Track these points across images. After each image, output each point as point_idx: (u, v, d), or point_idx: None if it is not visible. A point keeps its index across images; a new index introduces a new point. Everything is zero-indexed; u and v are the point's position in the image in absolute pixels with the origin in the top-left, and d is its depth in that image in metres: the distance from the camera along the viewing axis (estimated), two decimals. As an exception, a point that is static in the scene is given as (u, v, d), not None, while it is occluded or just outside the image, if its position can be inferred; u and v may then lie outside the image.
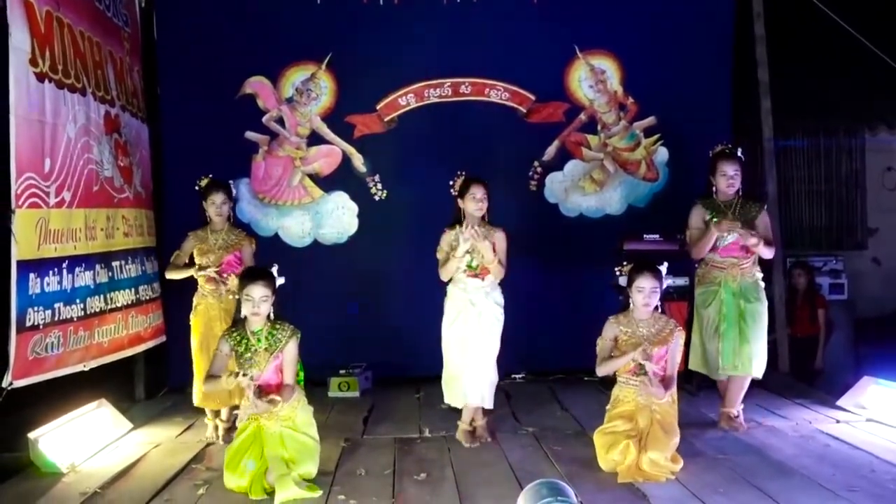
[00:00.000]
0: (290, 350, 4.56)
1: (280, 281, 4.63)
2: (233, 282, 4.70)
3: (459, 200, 5.20)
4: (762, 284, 5.37)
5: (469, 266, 5.11)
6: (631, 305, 4.71)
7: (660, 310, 4.75)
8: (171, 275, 5.50)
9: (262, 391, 4.42)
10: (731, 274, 5.26)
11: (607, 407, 4.74)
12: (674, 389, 4.66)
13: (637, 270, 4.68)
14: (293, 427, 4.49)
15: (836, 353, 7.73)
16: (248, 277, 4.57)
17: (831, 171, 9.02)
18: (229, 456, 4.41)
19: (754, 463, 4.64)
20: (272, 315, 4.55)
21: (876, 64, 6.25)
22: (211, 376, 4.53)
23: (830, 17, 6.20)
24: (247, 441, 4.40)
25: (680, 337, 4.70)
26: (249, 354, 4.48)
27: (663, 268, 4.70)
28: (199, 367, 5.33)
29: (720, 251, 5.27)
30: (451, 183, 5.27)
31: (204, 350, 5.29)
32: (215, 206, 5.40)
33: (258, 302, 4.45)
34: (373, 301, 7.02)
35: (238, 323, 4.60)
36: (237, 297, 4.62)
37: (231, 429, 5.24)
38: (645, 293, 4.61)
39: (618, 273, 4.84)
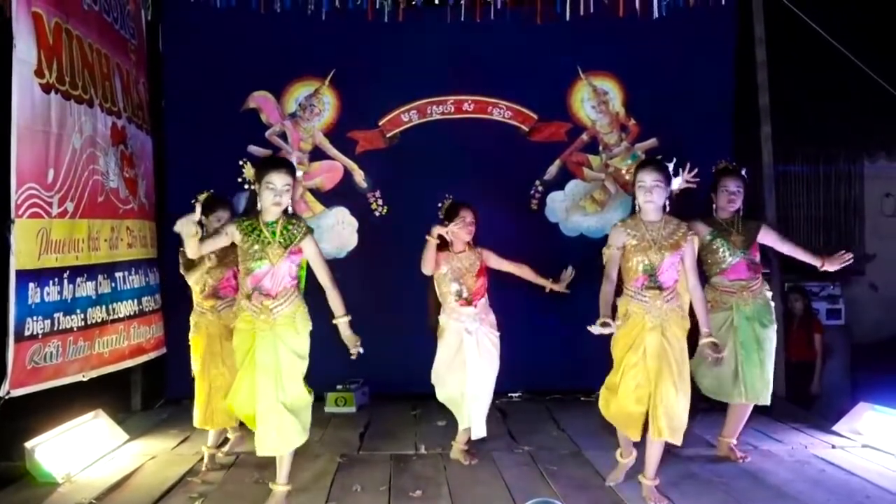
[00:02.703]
0: (312, 248, 4.33)
1: (299, 174, 4.44)
2: (248, 171, 4.31)
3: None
4: (773, 304, 5.24)
5: (459, 295, 5.11)
6: (637, 208, 4.44)
7: (668, 209, 4.45)
8: (190, 255, 4.47)
9: (267, 295, 4.23)
10: (741, 297, 5.11)
11: (617, 323, 4.37)
12: (685, 302, 4.47)
13: (639, 166, 4.45)
14: (293, 329, 4.30)
15: (832, 379, 7.73)
16: (269, 165, 4.27)
17: (830, 197, 9.06)
18: (235, 383, 4.32)
19: (749, 487, 4.65)
20: (290, 208, 4.29)
21: (876, 91, 6.28)
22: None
23: (832, 43, 6.24)
24: (247, 362, 4.22)
25: (693, 241, 4.49)
26: (258, 247, 4.19)
27: (671, 164, 4.42)
28: (200, 389, 5.16)
29: (728, 274, 5.14)
30: (439, 206, 5.28)
31: (206, 370, 5.12)
32: (220, 222, 5.06)
33: (281, 191, 4.14)
34: (371, 317, 7.00)
35: (249, 213, 4.34)
36: (254, 185, 4.30)
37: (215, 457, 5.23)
38: (646, 187, 4.31)
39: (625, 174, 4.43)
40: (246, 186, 4.38)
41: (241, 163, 4.78)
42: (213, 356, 5.08)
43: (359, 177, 7.16)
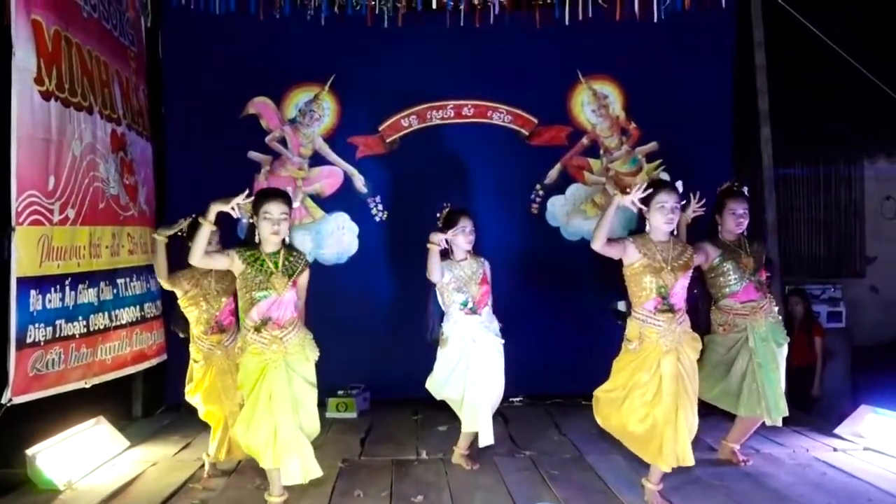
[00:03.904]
0: (306, 279, 4.46)
1: (296, 204, 4.46)
2: (247, 205, 4.28)
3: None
4: (780, 318, 5.23)
5: (465, 305, 5.10)
6: (647, 228, 4.43)
7: (675, 233, 4.50)
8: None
9: (275, 325, 4.25)
10: (754, 319, 5.04)
11: (631, 346, 4.42)
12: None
13: (658, 186, 4.40)
14: (303, 357, 4.35)
15: (833, 382, 7.74)
16: (265, 195, 4.33)
17: (830, 200, 9.06)
18: (242, 415, 4.29)
19: (750, 490, 4.65)
20: (287, 239, 4.39)
21: (875, 93, 6.29)
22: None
23: (830, 46, 6.25)
24: (258, 394, 4.20)
25: (696, 258, 4.57)
26: (262, 277, 4.23)
27: (679, 185, 4.47)
28: (215, 423, 5.11)
29: (739, 296, 5.06)
30: (437, 215, 5.27)
31: (218, 404, 5.04)
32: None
33: (278, 219, 4.23)
34: (371, 322, 7.02)
35: (249, 245, 4.37)
36: (252, 219, 4.33)
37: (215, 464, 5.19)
38: (667, 209, 4.31)
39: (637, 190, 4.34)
40: (244, 220, 4.42)
41: (240, 203, 4.31)
42: (227, 390, 5.01)
43: (359, 182, 7.17)
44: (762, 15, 6.82)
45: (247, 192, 4.17)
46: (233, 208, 4.13)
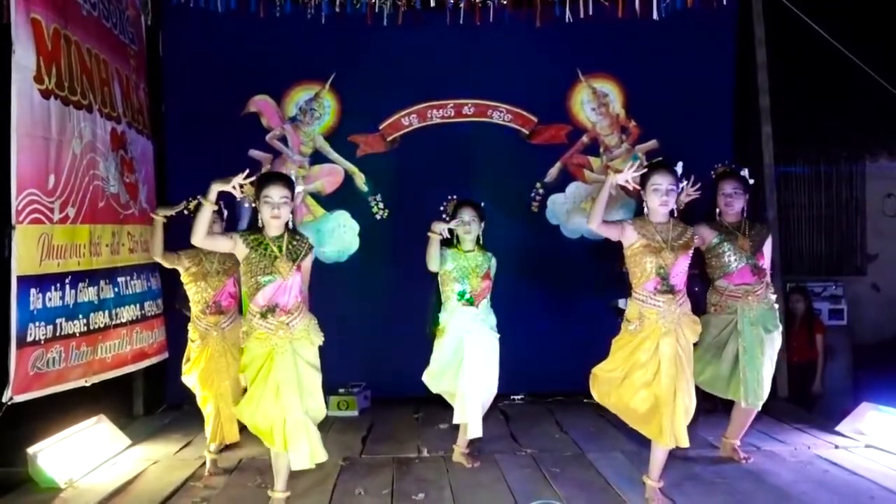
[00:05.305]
0: (309, 263, 4.39)
1: (299, 189, 4.46)
2: (248, 189, 4.23)
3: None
4: (777, 307, 5.16)
5: (462, 296, 5.10)
6: (645, 210, 4.40)
7: (675, 214, 4.45)
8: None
9: (282, 311, 4.21)
10: (746, 302, 5.02)
11: (631, 327, 4.40)
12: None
13: (653, 168, 4.36)
14: (308, 342, 4.31)
15: (835, 379, 7.72)
16: (266, 179, 4.27)
17: (831, 197, 9.02)
18: (247, 397, 4.26)
19: (752, 488, 4.63)
20: (291, 224, 4.31)
21: (877, 90, 6.27)
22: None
23: (832, 43, 6.24)
24: (264, 377, 4.18)
25: (697, 240, 4.55)
26: (267, 262, 4.17)
27: (679, 167, 4.41)
28: (208, 405, 5.15)
29: (733, 278, 5.05)
30: (441, 208, 5.27)
31: (210, 386, 5.09)
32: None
33: (278, 203, 4.17)
34: (372, 320, 7.02)
35: (252, 230, 4.33)
36: (254, 203, 4.29)
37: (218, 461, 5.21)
38: (662, 191, 4.28)
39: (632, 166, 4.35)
40: (246, 204, 4.45)
41: (240, 184, 4.31)
42: (219, 373, 5.06)
43: (359, 180, 7.17)
44: (763, 12, 6.82)
45: (247, 171, 4.14)
46: (234, 188, 4.11)
